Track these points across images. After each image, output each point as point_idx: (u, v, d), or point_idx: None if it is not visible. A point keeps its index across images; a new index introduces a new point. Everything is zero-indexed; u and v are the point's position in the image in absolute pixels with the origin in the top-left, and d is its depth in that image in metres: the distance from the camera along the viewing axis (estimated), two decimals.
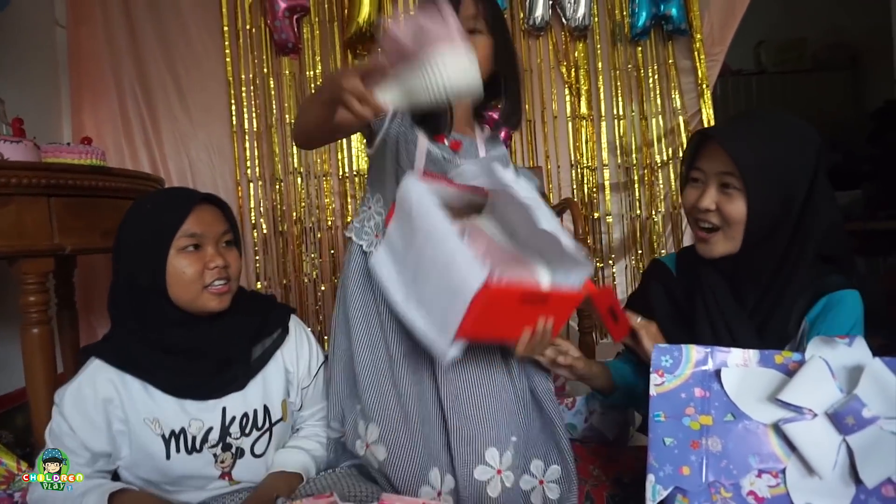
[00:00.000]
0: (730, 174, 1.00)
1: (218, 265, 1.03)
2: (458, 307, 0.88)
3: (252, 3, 2.37)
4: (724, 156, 1.00)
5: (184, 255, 1.02)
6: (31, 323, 1.35)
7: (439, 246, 0.91)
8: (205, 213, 1.06)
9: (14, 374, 1.93)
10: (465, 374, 1.09)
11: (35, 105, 2.21)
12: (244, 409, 1.06)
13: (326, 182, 2.41)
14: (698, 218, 1.06)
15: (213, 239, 1.06)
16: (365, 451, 1.07)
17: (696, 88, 2.44)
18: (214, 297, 1.04)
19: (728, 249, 1.03)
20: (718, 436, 0.85)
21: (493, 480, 1.06)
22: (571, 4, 2.35)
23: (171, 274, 1.02)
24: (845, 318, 0.99)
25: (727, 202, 1.01)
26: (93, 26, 2.36)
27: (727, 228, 1.02)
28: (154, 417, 1.02)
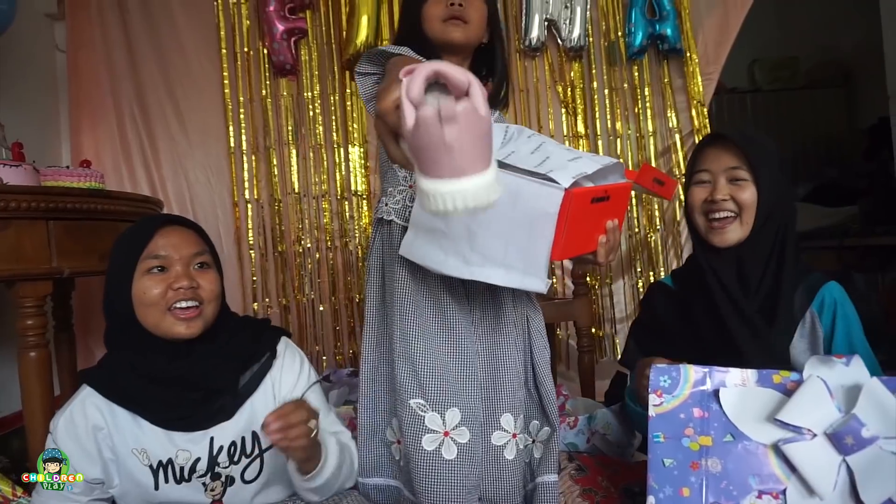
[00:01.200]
0: (737, 168, 1.16)
1: (182, 286, 1.00)
2: (544, 232, 0.89)
3: (250, 26, 2.40)
4: (730, 154, 1.16)
5: (148, 277, 1.01)
6: (29, 346, 1.35)
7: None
8: (172, 235, 1.05)
9: (10, 398, 1.92)
10: (492, 345, 1.13)
11: (35, 128, 2.22)
12: (232, 437, 1.05)
13: (325, 202, 2.42)
14: (711, 210, 1.17)
15: (182, 260, 1.03)
16: (440, 444, 1.06)
17: (692, 107, 2.46)
18: (181, 322, 1.00)
19: (740, 236, 1.16)
20: (718, 456, 0.85)
21: (510, 444, 1.12)
22: (567, 25, 2.38)
23: (136, 296, 1.00)
24: (849, 307, 1.12)
25: (739, 191, 1.15)
26: (92, 50, 2.38)
27: (742, 214, 1.16)
28: (142, 448, 1.01)
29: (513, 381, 1.13)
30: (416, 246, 1.02)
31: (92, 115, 2.39)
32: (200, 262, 1.06)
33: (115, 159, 2.40)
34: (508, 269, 0.94)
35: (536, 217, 0.90)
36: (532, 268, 0.94)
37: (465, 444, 1.06)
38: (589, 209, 0.94)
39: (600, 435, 1.48)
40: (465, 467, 1.05)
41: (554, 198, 0.88)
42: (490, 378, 1.13)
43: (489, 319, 1.15)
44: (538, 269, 0.93)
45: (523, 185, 0.90)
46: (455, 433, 1.06)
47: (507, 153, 1.02)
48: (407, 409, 1.07)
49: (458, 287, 1.12)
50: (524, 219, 0.91)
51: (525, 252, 0.93)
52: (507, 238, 0.93)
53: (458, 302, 1.12)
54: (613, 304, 2.48)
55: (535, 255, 0.92)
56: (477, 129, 0.64)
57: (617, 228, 1.02)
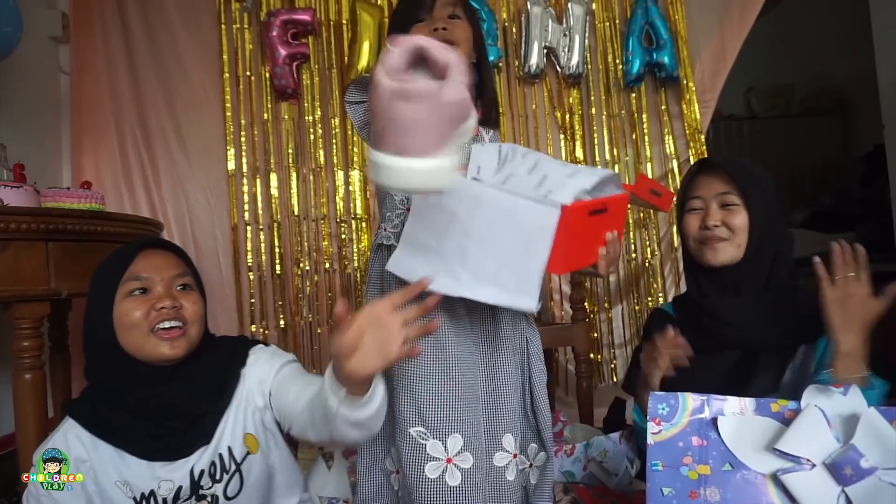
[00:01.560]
0: (728, 193, 1.18)
1: (165, 305, 1.00)
2: (539, 250, 0.90)
3: (252, 50, 2.43)
4: (720, 180, 1.18)
5: (130, 300, 1.00)
6: (24, 368, 1.35)
7: (493, 209, 0.93)
8: (154, 257, 1.05)
9: (4, 420, 1.90)
10: (491, 366, 1.13)
11: (36, 149, 2.23)
12: (211, 458, 1.03)
13: (324, 225, 2.43)
14: (704, 237, 1.19)
15: (164, 282, 1.03)
16: (444, 471, 1.04)
17: (689, 134, 2.49)
18: (165, 342, 0.99)
19: (733, 255, 1.17)
20: (717, 486, 0.84)
21: (511, 465, 1.12)
22: (566, 53, 2.41)
23: (118, 319, 0.99)
24: None
25: (731, 216, 1.17)
26: (96, 73, 2.41)
27: (734, 238, 1.17)
28: (125, 480, 1.00)
29: (512, 401, 1.14)
30: (405, 262, 1.02)
31: (94, 137, 2.41)
32: (182, 283, 1.06)
33: (116, 181, 2.41)
34: (500, 287, 0.94)
35: (532, 234, 0.91)
36: (525, 286, 0.93)
37: (469, 470, 1.05)
38: (587, 222, 0.95)
39: (597, 462, 1.46)
40: (469, 493, 1.04)
41: (551, 215, 0.89)
42: (490, 398, 1.13)
43: (488, 340, 1.15)
44: (530, 289, 0.93)
45: (520, 204, 0.92)
46: (458, 459, 1.05)
47: (506, 176, 1.03)
48: (407, 438, 1.06)
49: (458, 308, 1.11)
50: (520, 236, 0.91)
51: (518, 270, 0.93)
52: (500, 256, 0.93)
53: (456, 325, 1.12)
54: (612, 330, 2.47)
55: (529, 273, 0.93)
56: (436, 114, 0.62)
57: (617, 240, 1.04)
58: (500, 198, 0.94)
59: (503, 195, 0.94)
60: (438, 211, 0.98)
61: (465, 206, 0.95)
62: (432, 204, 0.98)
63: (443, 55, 0.63)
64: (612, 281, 2.49)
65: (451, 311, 1.11)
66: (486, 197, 0.95)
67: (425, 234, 1.00)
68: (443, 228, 0.97)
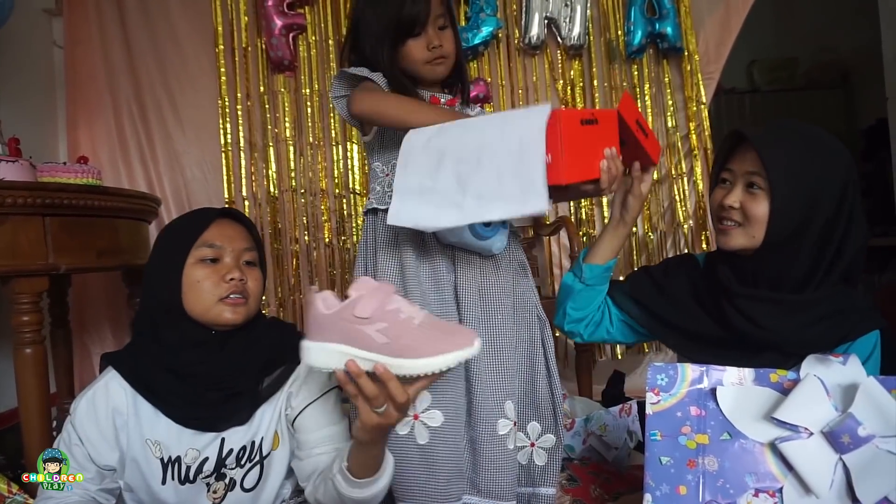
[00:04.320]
0: (756, 174, 1.02)
1: (234, 277, 1.01)
2: (537, 150, 0.89)
3: (248, 22, 2.39)
4: (754, 157, 1.02)
5: (201, 266, 1.01)
6: (25, 343, 1.35)
7: (482, 128, 0.95)
8: (227, 227, 1.06)
9: (6, 395, 1.91)
10: (490, 329, 1.11)
11: (32, 124, 2.22)
12: (243, 441, 1.04)
13: (323, 200, 2.42)
14: (720, 216, 1.08)
15: (234, 253, 1.04)
16: (412, 428, 1.05)
17: (692, 106, 2.46)
18: (229, 308, 1.01)
19: (744, 244, 1.04)
20: (715, 455, 0.85)
21: (511, 433, 1.10)
22: (567, 23, 2.38)
23: (187, 284, 1.00)
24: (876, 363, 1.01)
25: (750, 200, 1.02)
26: (90, 46, 2.38)
27: (747, 226, 1.03)
28: (156, 439, 1.00)
29: (510, 364, 1.11)
30: (405, 211, 1.00)
31: (89, 112, 2.39)
32: (249, 258, 1.07)
33: (112, 155, 2.40)
34: (505, 200, 0.92)
35: (525, 137, 0.90)
36: (531, 189, 0.90)
37: (438, 429, 1.04)
38: (581, 131, 0.94)
39: (596, 436, 1.48)
40: (438, 452, 1.04)
41: (541, 115, 0.89)
42: (491, 364, 1.10)
43: (488, 304, 1.12)
44: (537, 190, 0.90)
45: (509, 114, 0.95)
46: (425, 416, 1.05)
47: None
48: None
49: (445, 273, 1.11)
50: (514, 144, 0.90)
51: (520, 176, 0.91)
52: (499, 169, 0.92)
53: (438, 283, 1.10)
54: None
55: (531, 175, 0.90)
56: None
57: (615, 156, 1.02)
58: (486, 117, 0.98)
59: (489, 115, 0.96)
60: (426, 152, 0.98)
61: (453, 137, 0.96)
62: (418, 147, 0.99)
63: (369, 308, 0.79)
64: None
65: (437, 271, 1.10)
66: (472, 121, 0.98)
67: (417, 178, 0.99)
68: (434, 166, 0.97)
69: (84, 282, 2.30)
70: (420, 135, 1.00)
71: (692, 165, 2.48)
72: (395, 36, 1.13)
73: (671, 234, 2.49)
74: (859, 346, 1.00)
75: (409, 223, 0.99)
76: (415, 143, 1.00)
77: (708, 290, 1.11)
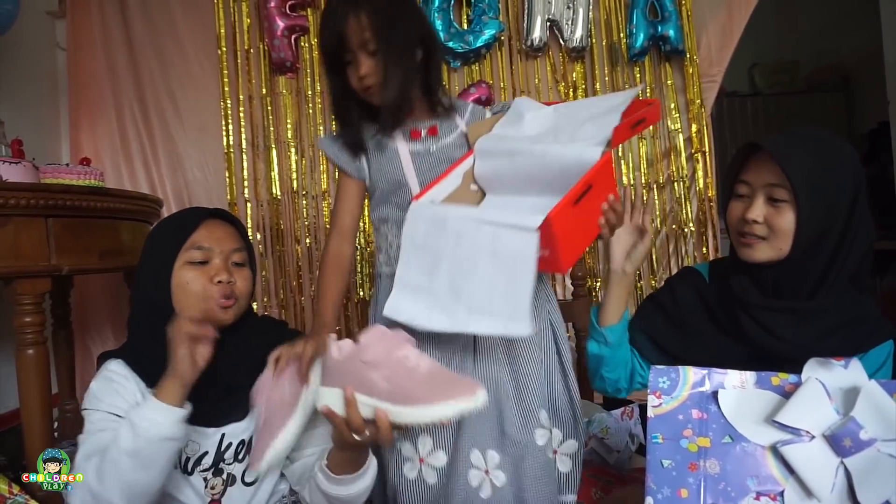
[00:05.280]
0: (778, 186, 0.99)
1: (223, 279, 1.02)
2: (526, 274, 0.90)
3: (250, 24, 2.40)
4: (772, 168, 0.99)
5: (190, 268, 1.02)
6: (27, 344, 1.35)
7: (475, 240, 0.95)
8: (216, 228, 1.06)
9: (8, 396, 1.92)
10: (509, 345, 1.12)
11: (34, 126, 2.22)
12: (242, 436, 1.05)
13: (325, 202, 2.42)
14: (742, 230, 1.04)
15: (222, 255, 1.04)
16: (418, 472, 1.07)
17: (694, 109, 2.46)
18: (220, 309, 1.02)
19: (771, 257, 1.01)
20: (716, 458, 0.84)
21: (549, 441, 1.12)
22: (569, 26, 2.38)
23: (176, 286, 1.01)
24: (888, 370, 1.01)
25: (776, 214, 1.00)
26: (93, 49, 2.39)
27: (773, 239, 1.00)
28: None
29: (535, 377, 1.13)
30: (402, 306, 1.03)
31: (91, 113, 2.40)
32: (238, 259, 1.07)
33: (115, 157, 2.40)
34: (493, 316, 0.95)
35: (516, 260, 0.91)
36: (517, 312, 0.94)
37: (443, 469, 1.06)
38: (575, 211, 0.94)
39: (598, 439, 1.48)
40: (446, 490, 1.05)
41: (529, 240, 0.90)
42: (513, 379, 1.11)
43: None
44: (522, 314, 0.94)
45: (499, 232, 0.92)
46: (430, 459, 1.07)
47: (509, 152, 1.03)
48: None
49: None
50: (505, 263, 0.92)
51: (509, 297, 0.94)
52: (490, 285, 0.94)
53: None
54: None
55: (518, 299, 0.93)
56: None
57: (612, 208, 1.00)
58: (480, 228, 0.95)
59: (484, 225, 0.95)
60: (425, 251, 1.00)
61: (449, 241, 0.97)
62: (418, 246, 1.01)
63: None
64: None
65: None
66: (467, 230, 0.97)
67: (416, 275, 1.02)
68: (431, 267, 1.00)
69: (86, 283, 2.30)
70: (417, 225, 1.02)
71: (694, 168, 2.48)
72: (330, 67, 1.13)
73: (674, 238, 2.49)
74: (872, 356, 0.99)
75: (404, 319, 1.02)
76: (416, 234, 1.02)
77: (720, 303, 1.09)
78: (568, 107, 1.16)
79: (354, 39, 1.06)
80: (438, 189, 1.09)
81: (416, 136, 1.16)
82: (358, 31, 1.05)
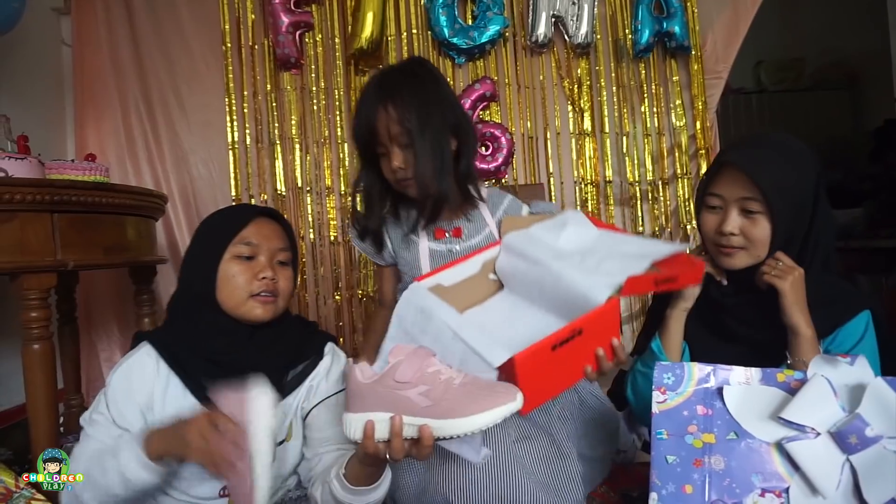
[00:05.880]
0: (751, 199, 1.04)
1: (267, 276, 1.04)
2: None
3: (255, 20, 2.40)
4: (744, 181, 1.03)
5: (236, 262, 1.04)
6: (33, 339, 1.35)
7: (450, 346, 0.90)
8: (265, 226, 1.09)
9: (13, 391, 1.92)
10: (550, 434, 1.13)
11: (40, 122, 2.23)
12: None
13: (329, 198, 2.42)
14: (719, 241, 1.08)
15: (268, 252, 1.07)
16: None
17: (699, 105, 2.46)
18: (259, 305, 1.04)
19: (749, 263, 1.07)
20: (721, 454, 0.84)
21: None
22: (574, 22, 2.38)
23: (221, 278, 1.03)
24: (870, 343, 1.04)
25: (751, 226, 1.05)
26: (98, 45, 2.39)
27: (751, 248, 1.06)
28: (180, 417, 1.01)
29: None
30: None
31: (97, 110, 2.40)
32: (282, 258, 1.10)
33: (120, 153, 2.41)
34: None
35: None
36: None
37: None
38: (554, 355, 0.87)
39: None
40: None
41: (489, 375, 0.85)
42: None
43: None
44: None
45: (468, 353, 0.88)
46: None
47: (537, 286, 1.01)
48: None
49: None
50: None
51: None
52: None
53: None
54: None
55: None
56: None
57: (607, 356, 0.93)
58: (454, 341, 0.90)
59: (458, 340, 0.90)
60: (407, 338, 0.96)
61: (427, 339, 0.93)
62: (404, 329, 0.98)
63: None
64: None
65: None
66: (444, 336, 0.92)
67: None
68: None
69: (91, 279, 2.31)
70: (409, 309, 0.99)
71: (699, 166, 2.47)
72: (364, 158, 1.14)
73: (678, 235, 2.49)
74: (851, 328, 1.04)
75: None
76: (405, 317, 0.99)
77: (707, 304, 1.14)
78: (612, 236, 1.10)
79: (387, 132, 1.07)
80: (453, 272, 1.06)
81: (441, 237, 1.17)
82: (391, 124, 1.07)
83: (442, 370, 0.80)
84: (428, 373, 0.79)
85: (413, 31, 2.39)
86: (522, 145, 2.45)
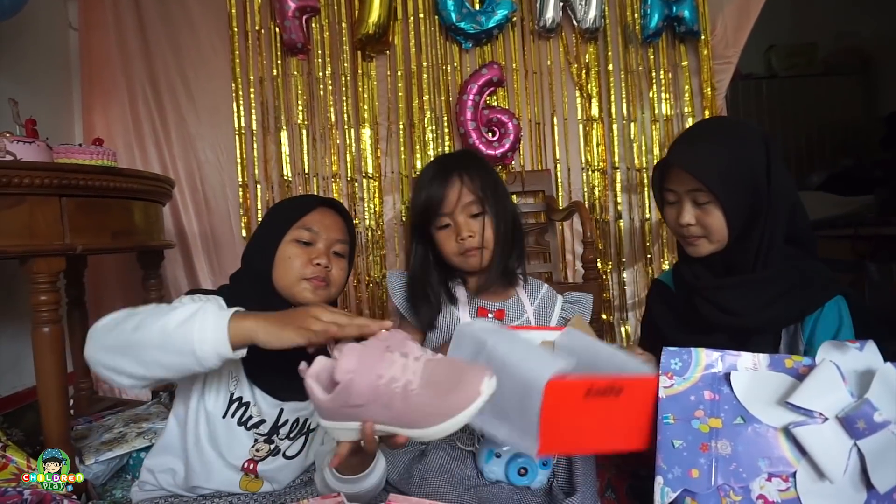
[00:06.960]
0: (699, 191, 1.09)
1: (321, 263, 1.08)
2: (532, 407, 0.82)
3: (261, 4, 2.39)
4: (690, 175, 1.08)
5: (295, 245, 1.09)
6: (42, 322, 1.36)
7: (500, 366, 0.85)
8: (327, 216, 1.14)
9: (24, 373, 1.94)
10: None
11: (48, 106, 2.23)
12: (297, 415, 1.09)
13: (335, 184, 2.42)
14: (682, 234, 1.15)
15: (327, 241, 1.11)
16: None
17: (709, 91, 2.43)
18: (311, 289, 1.08)
19: (712, 249, 1.13)
20: (728, 439, 0.84)
21: None
22: (582, 6, 2.35)
23: (279, 258, 1.08)
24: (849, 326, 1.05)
25: (705, 216, 1.10)
26: (105, 29, 2.38)
27: (711, 235, 1.11)
28: (235, 375, 1.06)
29: None
30: None
31: (104, 94, 2.40)
32: (339, 249, 1.14)
33: (127, 138, 2.41)
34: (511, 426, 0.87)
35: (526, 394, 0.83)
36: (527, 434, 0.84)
37: None
38: (586, 405, 0.84)
39: None
40: None
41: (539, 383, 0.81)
42: None
43: None
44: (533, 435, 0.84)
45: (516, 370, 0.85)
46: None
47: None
48: None
49: None
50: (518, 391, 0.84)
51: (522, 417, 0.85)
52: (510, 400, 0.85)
53: None
54: (624, 291, 2.47)
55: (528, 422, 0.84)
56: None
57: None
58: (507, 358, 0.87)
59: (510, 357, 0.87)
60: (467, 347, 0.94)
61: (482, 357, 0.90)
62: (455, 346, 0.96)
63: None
64: (627, 241, 2.47)
65: None
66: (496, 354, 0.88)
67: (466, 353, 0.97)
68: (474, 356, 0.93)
69: (99, 264, 2.32)
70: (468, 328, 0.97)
71: None
72: (422, 226, 1.19)
73: None
74: (826, 317, 1.05)
75: None
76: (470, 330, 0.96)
77: (685, 302, 1.17)
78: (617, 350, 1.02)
79: (457, 201, 1.15)
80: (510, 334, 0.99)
81: (483, 315, 1.20)
82: (464, 192, 1.15)
83: (396, 376, 0.76)
84: (381, 385, 0.75)
85: (420, 15, 2.37)
86: (529, 131, 2.43)
